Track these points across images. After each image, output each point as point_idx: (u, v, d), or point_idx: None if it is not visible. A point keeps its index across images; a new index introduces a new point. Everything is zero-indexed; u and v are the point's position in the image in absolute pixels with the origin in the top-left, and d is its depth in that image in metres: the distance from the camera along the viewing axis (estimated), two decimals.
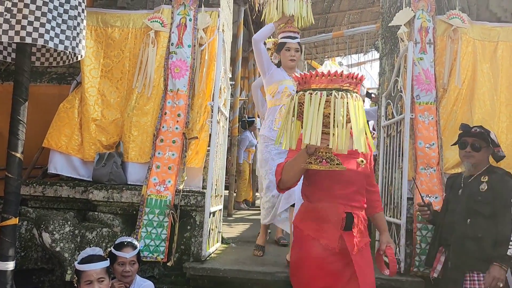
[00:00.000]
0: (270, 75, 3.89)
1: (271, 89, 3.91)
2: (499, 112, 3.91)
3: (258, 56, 3.87)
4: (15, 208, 2.96)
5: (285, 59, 3.94)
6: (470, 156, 3.01)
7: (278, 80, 3.85)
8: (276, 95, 3.83)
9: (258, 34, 3.91)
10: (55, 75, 4.46)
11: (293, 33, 3.97)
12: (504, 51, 4.01)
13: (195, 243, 3.66)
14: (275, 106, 3.84)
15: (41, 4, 2.89)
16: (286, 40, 3.94)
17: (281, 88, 3.82)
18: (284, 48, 3.93)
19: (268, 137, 3.79)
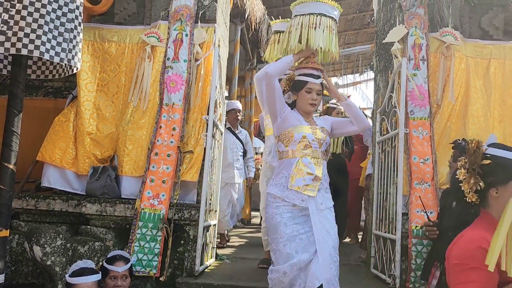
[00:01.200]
0: (283, 119, 2.98)
1: (284, 136, 2.98)
2: (493, 128, 3.94)
3: (269, 94, 2.94)
4: (6, 220, 2.92)
5: (304, 102, 2.99)
6: (451, 167, 3.06)
7: (294, 126, 2.94)
8: (292, 145, 2.92)
9: (273, 67, 2.93)
10: (51, 89, 4.48)
11: (316, 71, 3.02)
12: (496, 68, 4.06)
13: (189, 258, 3.62)
14: (289, 159, 2.91)
15: (38, 17, 2.91)
16: (307, 79, 2.98)
17: (298, 137, 2.90)
18: (305, 88, 2.98)
19: (281, 197, 2.85)
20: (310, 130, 2.96)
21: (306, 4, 3.06)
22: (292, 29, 3.08)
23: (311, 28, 2.99)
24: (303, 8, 3.08)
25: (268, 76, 2.91)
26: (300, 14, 3.07)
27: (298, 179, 2.80)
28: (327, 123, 3.08)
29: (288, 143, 2.93)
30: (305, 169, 2.82)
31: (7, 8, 2.84)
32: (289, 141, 2.93)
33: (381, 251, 3.91)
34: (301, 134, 2.93)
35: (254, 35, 8.15)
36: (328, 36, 3.07)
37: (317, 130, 2.94)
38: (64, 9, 3.06)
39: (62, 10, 3.05)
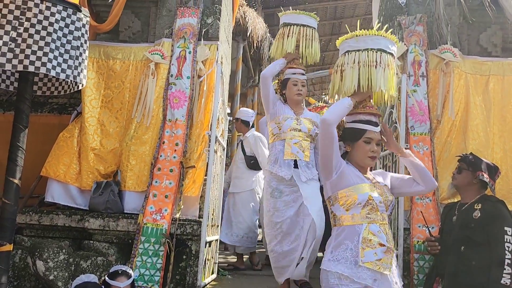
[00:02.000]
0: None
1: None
2: (493, 143, 3.97)
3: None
4: (10, 234, 2.95)
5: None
6: (453, 178, 3.10)
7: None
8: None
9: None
10: (56, 106, 4.54)
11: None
12: (495, 84, 4.11)
13: (191, 273, 3.63)
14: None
15: (45, 35, 2.98)
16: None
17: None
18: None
19: (350, 277, 2.19)
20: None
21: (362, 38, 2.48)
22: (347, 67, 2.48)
23: (371, 67, 2.42)
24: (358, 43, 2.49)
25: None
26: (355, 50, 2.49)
27: (368, 252, 2.22)
28: (386, 179, 2.53)
29: (350, 206, 2.31)
30: (375, 239, 2.26)
31: (15, 26, 2.90)
32: (351, 204, 2.31)
33: None
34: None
35: (256, 52, 8.27)
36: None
37: (383, 190, 2.39)
38: (70, 27, 3.12)
39: (69, 28, 3.10)
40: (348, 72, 2.45)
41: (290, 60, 3.72)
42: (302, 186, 3.44)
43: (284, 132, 3.55)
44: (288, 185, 3.49)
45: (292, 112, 3.65)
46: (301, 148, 3.51)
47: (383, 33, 2.48)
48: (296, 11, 3.78)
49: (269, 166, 3.58)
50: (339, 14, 10.97)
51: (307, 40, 3.71)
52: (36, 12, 2.94)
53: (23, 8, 2.92)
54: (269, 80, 3.60)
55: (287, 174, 3.45)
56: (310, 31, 3.74)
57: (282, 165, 3.49)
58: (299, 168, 3.48)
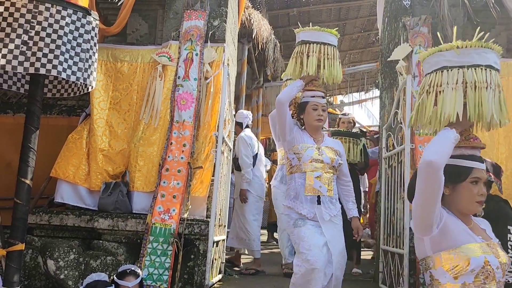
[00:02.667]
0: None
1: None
2: (498, 143, 4.00)
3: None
4: (22, 234, 3.00)
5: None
6: None
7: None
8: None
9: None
10: (64, 108, 4.60)
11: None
12: None
13: (198, 272, 3.67)
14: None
15: (56, 38, 3.03)
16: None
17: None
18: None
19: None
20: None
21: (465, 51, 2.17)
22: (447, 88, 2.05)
23: (482, 89, 1.99)
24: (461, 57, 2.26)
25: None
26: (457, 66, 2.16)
27: None
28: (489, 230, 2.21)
29: (460, 273, 1.86)
30: None
31: (26, 30, 2.95)
32: (461, 270, 1.85)
33: (389, 266, 3.94)
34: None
35: (261, 54, 8.32)
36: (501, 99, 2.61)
37: (497, 249, 1.98)
38: (80, 30, 3.16)
39: (79, 32, 3.15)
40: (450, 95, 1.96)
41: (309, 81, 3.30)
42: (325, 226, 3.02)
43: (304, 163, 3.09)
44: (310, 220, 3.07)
45: (312, 140, 3.20)
46: (324, 182, 3.09)
47: (491, 45, 2.08)
48: (316, 28, 3.37)
49: (289, 201, 3.14)
50: (343, 15, 10.99)
51: (328, 59, 3.31)
52: (47, 15, 2.99)
53: (34, 12, 2.97)
54: (286, 106, 3.16)
55: (309, 212, 3.03)
56: (331, 49, 3.34)
57: (303, 202, 3.05)
58: (321, 204, 3.05)
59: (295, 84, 3.23)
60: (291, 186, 3.17)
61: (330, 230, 3.03)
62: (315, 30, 3.36)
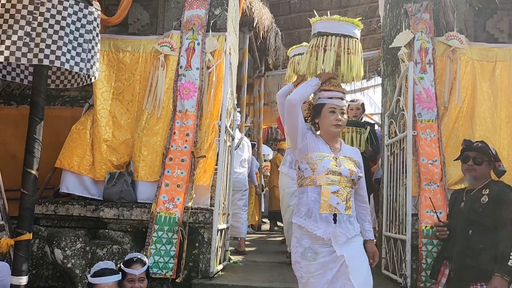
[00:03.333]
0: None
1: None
2: (500, 129, 4.00)
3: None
4: (29, 223, 3.04)
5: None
6: (472, 170, 3.09)
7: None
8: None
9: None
10: (68, 99, 4.63)
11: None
12: (502, 70, 4.13)
13: (203, 260, 3.72)
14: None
15: (59, 29, 3.04)
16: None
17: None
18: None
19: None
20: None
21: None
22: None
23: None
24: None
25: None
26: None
27: None
28: None
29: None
30: None
31: (29, 21, 2.96)
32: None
33: (392, 252, 3.98)
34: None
35: (262, 43, 8.30)
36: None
37: None
38: (83, 21, 3.17)
39: (81, 22, 3.16)
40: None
41: (326, 80, 2.84)
42: (341, 249, 2.56)
43: (319, 175, 2.64)
44: (324, 245, 2.60)
45: (328, 148, 2.76)
46: (342, 198, 2.63)
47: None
48: (336, 17, 2.90)
49: (298, 219, 2.68)
50: (345, 2, 10.92)
51: (349, 54, 2.85)
52: (49, 6, 2.99)
53: (36, 3, 2.97)
54: (298, 108, 2.73)
55: (325, 233, 2.57)
56: (353, 43, 2.87)
57: (318, 221, 2.60)
58: (337, 223, 2.59)
59: (310, 83, 2.80)
60: (302, 201, 2.71)
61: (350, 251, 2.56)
62: (334, 20, 2.89)
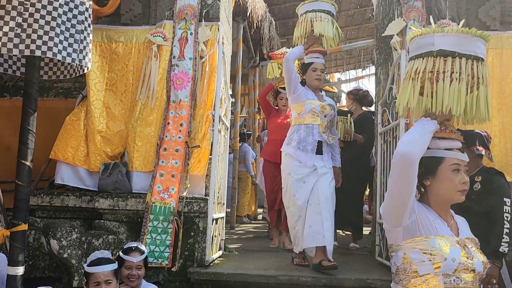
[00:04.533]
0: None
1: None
2: (492, 116, 4.02)
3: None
4: (24, 214, 3.06)
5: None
6: None
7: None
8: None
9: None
10: (61, 90, 4.61)
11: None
12: (494, 58, 4.16)
13: (199, 249, 3.75)
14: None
15: (50, 19, 3.03)
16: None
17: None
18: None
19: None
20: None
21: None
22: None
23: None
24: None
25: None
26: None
27: None
28: None
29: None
30: None
31: (20, 12, 2.96)
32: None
33: (385, 240, 4.02)
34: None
35: (256, 32, 8.27)
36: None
37: None
38: (74, 11, 3.16)
39: (73, 13, 3.15)
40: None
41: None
42: None
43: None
44: None
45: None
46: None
47: None
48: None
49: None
50: None
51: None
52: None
53: None
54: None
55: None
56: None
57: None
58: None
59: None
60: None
61: None
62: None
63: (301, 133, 3.83)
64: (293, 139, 3.86)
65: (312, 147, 3.80)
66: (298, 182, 3.75)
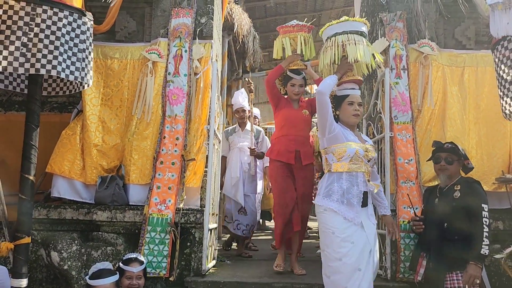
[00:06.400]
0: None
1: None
2: (469, 129, 4.32)
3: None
4: (28, 227, 3.15)
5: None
6: (445, 169, 3.38)
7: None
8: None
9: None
10: (55, 104, 4.70)
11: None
12: (470, 75, 4.44)
13: (195, 259, 3.88)
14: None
15: (54, 39, 3.15)
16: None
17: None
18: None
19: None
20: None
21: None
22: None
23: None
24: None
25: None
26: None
27: None
28: None
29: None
30: None
31: (25, 32, 3.07)
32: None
33: None
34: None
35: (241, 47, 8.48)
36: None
37: None
38: (77, 31, 3.29)
39: (75, 32, 3.28)
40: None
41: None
42: None
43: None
44: None
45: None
46: None
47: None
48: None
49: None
50: (319, 6, 11.24)
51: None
52: (44, 17, 3.10)
53: (32, 14, 3.08)
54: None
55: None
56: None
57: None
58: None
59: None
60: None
61: None
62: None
63: (343, 183, 3.06)
64: (333, 190, 3.06)
65: (357, 200, 3.03)
66: (345, 243, 2.95)
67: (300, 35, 4.06)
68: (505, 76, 3.21)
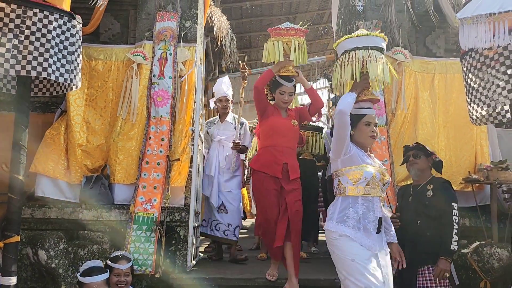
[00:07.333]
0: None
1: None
2: (438, 132, 4.60)
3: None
4: (17, 226, 3.20)
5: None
6: (414, 163, 3.62)
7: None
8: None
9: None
10: (38, 104, 4.71)
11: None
12: (439, 81, 4.73)
13: (180, 256, 4.00)
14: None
15: (45, 41, 3.21)
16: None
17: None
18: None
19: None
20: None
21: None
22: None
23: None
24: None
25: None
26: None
27: None
28: None
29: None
30: None
31: (16, 34, 3.12)
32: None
33: None
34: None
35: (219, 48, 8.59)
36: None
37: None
38: (66, 34, 3.36)
39: (65, 35, 3.35)
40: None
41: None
42: None
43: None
44: None
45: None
46: None
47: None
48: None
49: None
50: (294, 9, 11.45)
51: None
52: (35, 20, 3.17)
53: (23, 17, 3.14)
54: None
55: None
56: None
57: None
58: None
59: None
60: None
61: None
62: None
63: (359, 207, 2.86)
64: (348, 215, 2.85)
65: (374, 226, 2.85)
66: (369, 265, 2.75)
67: (295, 39, 3.77)
68: (472, 84, 3.44)
